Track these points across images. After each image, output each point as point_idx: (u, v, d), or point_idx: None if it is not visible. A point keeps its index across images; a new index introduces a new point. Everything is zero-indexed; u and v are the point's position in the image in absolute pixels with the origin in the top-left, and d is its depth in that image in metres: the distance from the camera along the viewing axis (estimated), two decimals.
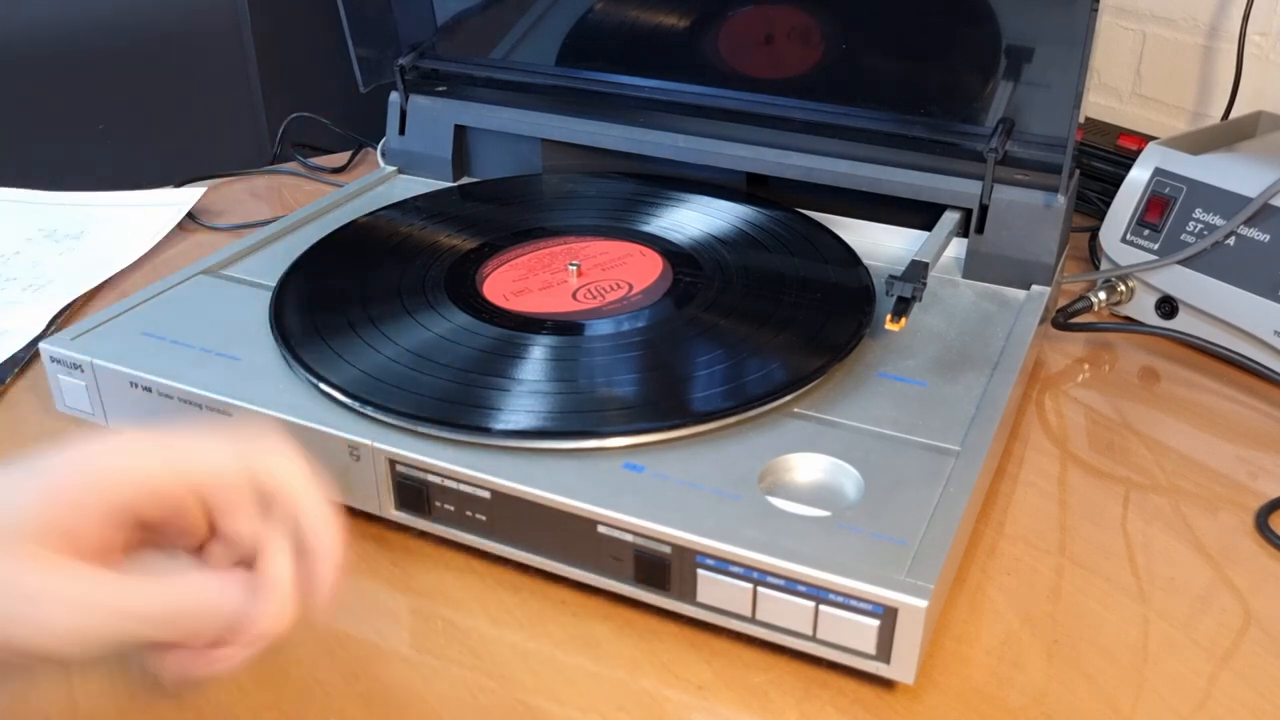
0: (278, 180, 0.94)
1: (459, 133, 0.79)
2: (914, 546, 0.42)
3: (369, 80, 0.80)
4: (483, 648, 0.45)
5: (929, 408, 0.52)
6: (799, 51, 0.72)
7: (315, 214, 0.72)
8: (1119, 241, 0.70)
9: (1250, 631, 0.46)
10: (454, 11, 0.82)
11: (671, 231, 0.67)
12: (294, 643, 0.45)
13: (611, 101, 0.77)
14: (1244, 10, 0.82)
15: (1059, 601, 0.48)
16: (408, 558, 0.50)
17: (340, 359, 0.53)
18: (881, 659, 0.42)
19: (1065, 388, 0.64)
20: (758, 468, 0.47)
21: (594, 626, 0.46)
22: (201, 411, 0.52)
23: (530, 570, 0.49)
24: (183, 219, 0.85)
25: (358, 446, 0.49)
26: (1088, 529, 0.52)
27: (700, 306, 0.58)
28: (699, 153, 0.72)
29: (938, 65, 0.69)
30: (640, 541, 0.44)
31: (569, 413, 0.49)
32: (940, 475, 0.47)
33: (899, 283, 0.56)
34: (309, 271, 0.63)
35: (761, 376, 0.52)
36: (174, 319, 0.58)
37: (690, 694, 0.43)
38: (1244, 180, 0.65)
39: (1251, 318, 0.64)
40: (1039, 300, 0.62)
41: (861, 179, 0.67)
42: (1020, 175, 0.65)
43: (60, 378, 0.56)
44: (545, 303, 0.59)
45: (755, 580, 0.42)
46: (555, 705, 0.43)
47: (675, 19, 0.75)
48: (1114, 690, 0.43)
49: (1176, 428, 0.60)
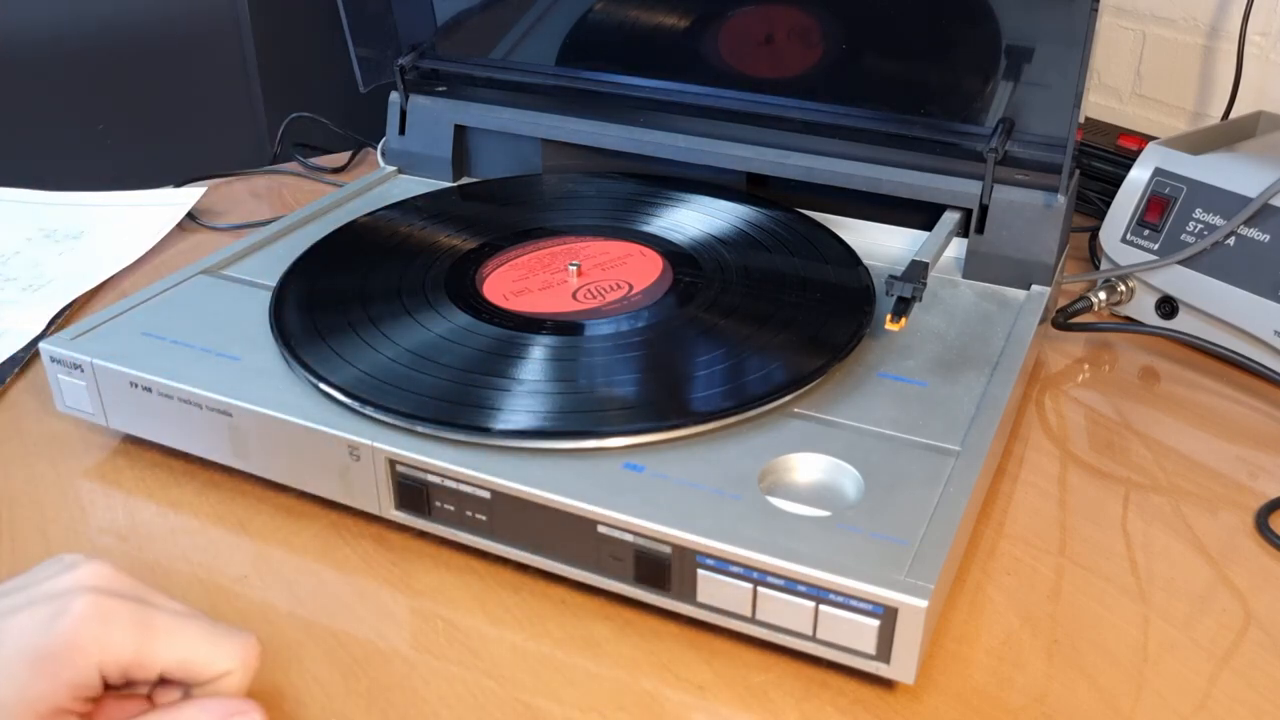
0: (278, 180, 0.94)
1: (459, 133, 0.79)
2: (914, 546, 0.42)
3: (369, 80, 0.80)
4: (482, 648, 0.45)
5: (929, 408, 0.52)
6: (799, 51, 0.72)
7: (315, 214, 0.72)
8: (1119, 241, 0.70)
9: (1250, 631, 0.46)
10: (454, 11, 0.82)
11: (671, 231, 0.67)
12: (294, 643, 0.45)
13: (611, 101, 0.77)
14: (1244, 10, 0.82)
15: (1059, 601, 0.48)
16: (408, 558, 0.50)
17: (340, 359, 0.53)
18: (881, 659, 0.42)
19: (1065, 388, 0.64)
20: (758, 468, 0.47)
21: (594, 626, 0.46)
22: (201, 411, 0.52)
23: (530, 570, 0.49)
24: (183, 219, 0.85)
25: (357, 446, 0.49)
26: (1088, 529, 0.52)
27: (700, 306, 0.58)
28: (699, 153, 0.72)
29: (938, 65, 0.69)
30: (640, 541, 0.44)
31: (569, 413, 0.49)
32: (940, 475, 0.47)
33: (899, 283, 0.56)
34: (309, 271, 0.63)
35: (761, 376, 0.52)
36: (174, 319, 0.58)
37: (690, 694, 0.43)
38: (1244, 180, 0.65)
39: (1251, 318, 0.64)
40: (1039, 300, 0.62)
41: (861, 179, 0.67)
42: (1020, 175, 0.65)
43: (60, 378, 0.56)
44: (545, 303, 0.59)
45: (755, 580, 0.42)
46: (555, 705, 0.43)
47: (675, 19, 0.75)
48: (1114, 690, 0.43)
49: (1176, 428, 0.60)
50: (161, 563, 0.50)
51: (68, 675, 0.35)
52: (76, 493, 0.54)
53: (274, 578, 0.49)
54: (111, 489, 0.55)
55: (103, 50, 1.22)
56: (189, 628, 0.38)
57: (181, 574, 0.49)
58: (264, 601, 0.48)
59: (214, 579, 0.49)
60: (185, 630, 0.37)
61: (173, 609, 0.38)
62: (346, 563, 0.50)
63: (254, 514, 0.53)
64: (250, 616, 0.47)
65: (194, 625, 0.38)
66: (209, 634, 0.38)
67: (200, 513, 0.53)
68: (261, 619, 0.47)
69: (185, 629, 0.37)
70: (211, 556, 0.50)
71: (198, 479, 0.55)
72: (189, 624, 0.38)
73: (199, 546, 0.51)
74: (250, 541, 0.51)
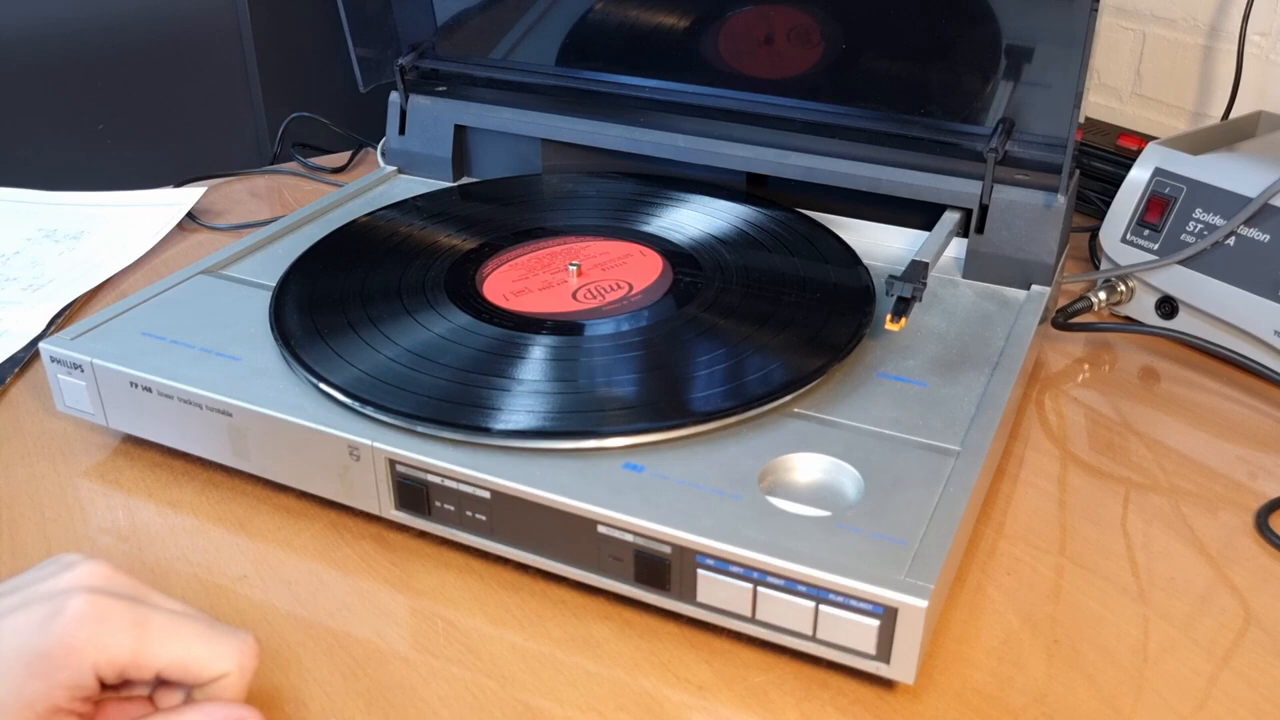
0: (278, 180, 0.94)
1: (459, 133, 0.79)
2: (914, 546, 0.42)
3: (369, 80, 0.80)
4: (482, 648, 0.45)
5: (929, 408, 0.52)
6: (799, 52, 0.72)
7: (315, 214, 0.72)
8: (1119, 241, 0.70)
9: (1250, 631, 0.46)
10: (454, 11, 0.82)
11: (671, 231, 0.67)
12: (294, 643, 0.45)
13: (611, 101, 0.77)
14: (1244, 10, 0.82)
15: (1059, 601, 0.48)
16: (408, 558, 0.50)
17: (340, 359, 0.53)
18: (881, 659, 0.42)
19: (1065, 388, 0.64)
20: (758, 468, 0.47)
21: (594, 626, 0.46)
22: (201, 411, 0.52)
23: (530, 570, 0.49)
24: (183, 219, 0.85)
25: (357, 446, 0.49)
26: (1088, 529, 0.52)
27: (700, 306, 0.58)
28: (699, 153, 0.72)
29: (938, 65, 0.69)
30: (640, 541, 0.44)
31: (569, 413, 0.49)
32: (940, 475, 0.47)
33: (899, 283, 0.56)
34: (309, 271, 0.63)
35: (761, 376, 0.52)
36: (174, 319, 0.58)
37: (690, 694, 0.43)
38: (1244, 180, 0.65)
39: (1251, 318, 0.64)
40: (1039, 300, 0.62)
41: (861, 179, 0.67)
42: (1020, 175, 0.65)
43: (60, 378, 0.56)
44: (545, 303, 0.59)
45: (755, 580, 0.42)
46: (555, 705, 0.43)
47: (675, 19, 0.75)
48: (1114, 690, 0.43)
49: (1176, 428, 0.60)
50: (161, 563, 0.50)
51: (63, 675, 0.35)
52: (76, 493, 0.54)
53: (274, 578, 0.49)
54: (111, 489, 0.55)
55: (103, 50, 1.22)
56: (186, 628, 0.38)
57: (181, 574, 0.49)
58: (264, 602, 0.48)
59: (214, 579, 0.49)
60: (182, 630, 0.37)
61: (170, 609, 0.38)
62: (346, 563, 0.50)
63: (254, 514, 0.53)
64: (250, 617, 0.47)
65: (191, 625, 0.38)
66: (206, 634, 0.38)
67: (200, 513, 0.53)
68: (261, 619, 0.47)
69: (182, 629, 0.37)
70: (211, 556, 0.50)
71: (198, 479, 0.55)
72: (186, 624, 0.38)
73: (199, 546, 0.51)
74: (250, 541, 0.51)
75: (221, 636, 0.38)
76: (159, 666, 0.37)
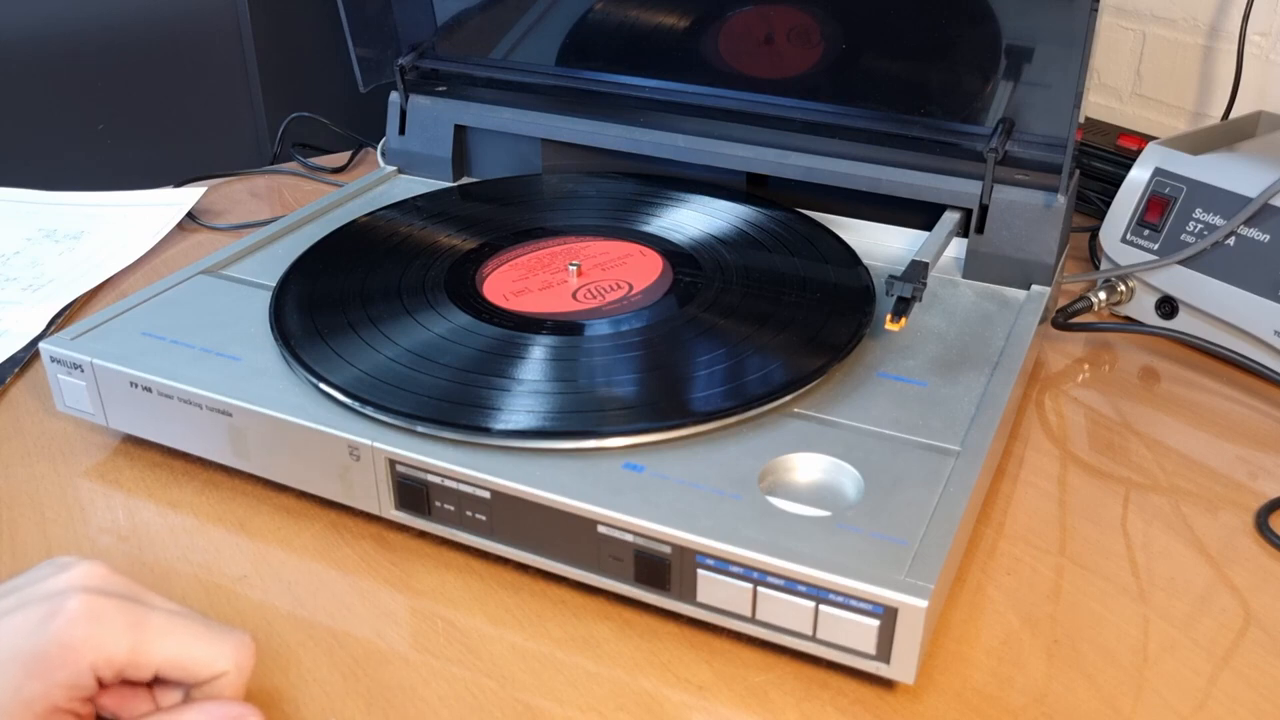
0: (278, 180, 0.94)
1: (459, 132, 0.79)
2: (914, 546, 0.42)
3: (369, 80, 0.80)
4: (482, 648, 0.45)
5: (929, 408, 0.52)
6: (799, 52, 0.72)
7: (315, 214, 0.72)
8: (1119, 241, 0.70)
9: (1250, 631, 0.46)
10: (454, 11, 0.82)
11: (671, 231, 0.67)
12: (294, 643, 0.45)
13: (611, 101, 0.77)
14: (1244, 10, 0.82)
15: (1059, 601, 0.48)
16: (408, 558, 0.50)
17: (340, 359, 0.53)
18: (881, 659, 0.42)
19: (1065, 388, 0.64)
20: (758, 468, 0.47)
21: (594, 626, 0.46)
22: (201, 411, 0.52)
23: (530, 570, 0.49)
24: (183, 219, 0.85)
25: (357, 447, 0.49)
26: (1088, 529, 0.52)
27: (700, 306, 0.58)
28: (699, 153, 0.72)
29: (938, 65, 0.69)
30: (640, 541, 0.44)
31: (569, 413, 0.49)
32: (940, 475, 0.47)
33: (899, 283, 0.56)
34: (309, 271, 0.63)
35: (761, 376, 0.52)
36: (174, 319, 0.58)
37: (690, 694, 0.43)
38: (1244, 180, 0.65)
39: (1251, 318, 0.64)
40: (1039, 300, 0.62)
41: (861, 179, 0.67)
42: (1020, 175, 0.65)
43: (60, 378, 0.56)
44: (545, 303, 0.59)
45: (755, 580, 0.42)
46: (555, 705, 0.43)
47: (675, 19, 0.75)
48: (1114, 690, 0.43)
49: (1176, 428, 0.60)
50: (161, 563, 0.50)
51: (61, 675, 0.35)
52: (76, 493, 0.54)
53: (274, 578, 0.49)
54: (111, 489, 0.55)
55: (103, 50, 1.22)
56: (183, 627, 0.38)
57: (181, 574, 0.49)
58: (264, 602, 0.48)
59: (214, 579, 0.49)
60: (179, 630, 0.37)
61: (167, 608, 0.38)
62: (346, 563, 0.50)
63: (254, 514, 0.53)
64: (250, 617, 0.47)
65: (188, 625, 0.38)
66: (203, 633, 0.38)
67: (200, 513, 0.53)
68: (261, 619, 0.47)
69: (179, 628, 0.37)
70: (211, 556, 0.50)
71: (198, 479, 0.55)
72: (183, 623, 0.38)
73: (199, 546, 0.51)
74: (250, 541, 0.51)
75: (219, 636, 0.38)
76: (157, 665, 0.37)
